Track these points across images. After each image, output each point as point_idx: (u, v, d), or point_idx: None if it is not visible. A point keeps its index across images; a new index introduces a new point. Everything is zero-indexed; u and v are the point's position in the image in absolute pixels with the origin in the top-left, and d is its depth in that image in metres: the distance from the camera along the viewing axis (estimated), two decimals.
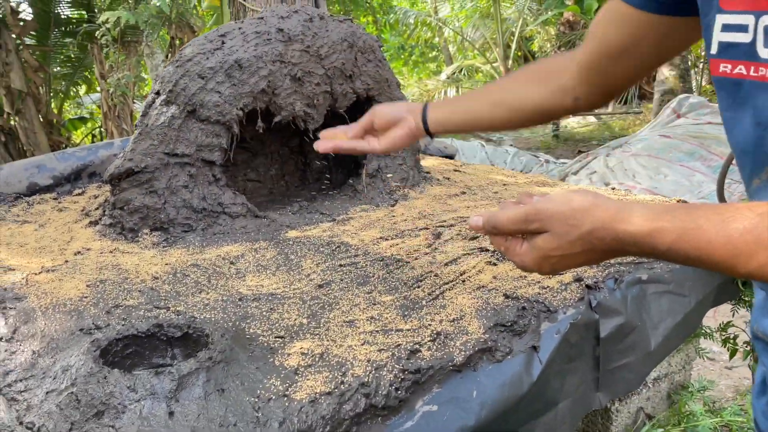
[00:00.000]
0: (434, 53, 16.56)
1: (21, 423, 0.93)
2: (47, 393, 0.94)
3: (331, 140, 1.24)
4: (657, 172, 5.39)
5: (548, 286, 1.29)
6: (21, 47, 5.82)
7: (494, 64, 13.54)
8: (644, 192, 4.79)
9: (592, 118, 9.78)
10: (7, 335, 1.14)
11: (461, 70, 14.18)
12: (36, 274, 1.37)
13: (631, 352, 1.37)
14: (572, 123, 10.01)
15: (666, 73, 7.77)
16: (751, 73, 0.64)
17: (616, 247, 0.68)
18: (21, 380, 1.00)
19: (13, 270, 1.41)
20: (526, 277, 1.33)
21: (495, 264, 1.40)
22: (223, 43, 1.72)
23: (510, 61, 13.25)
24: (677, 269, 1.45)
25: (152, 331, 1.04)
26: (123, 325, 1.13)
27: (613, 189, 2.24)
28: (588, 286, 1.30)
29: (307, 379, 0.96)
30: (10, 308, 1.22)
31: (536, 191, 2.02)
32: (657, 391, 1.70)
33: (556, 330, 1.21)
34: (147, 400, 0.87)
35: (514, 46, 13.07)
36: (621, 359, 1.36)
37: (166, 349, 1.05)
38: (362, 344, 1.07)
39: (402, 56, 16.14)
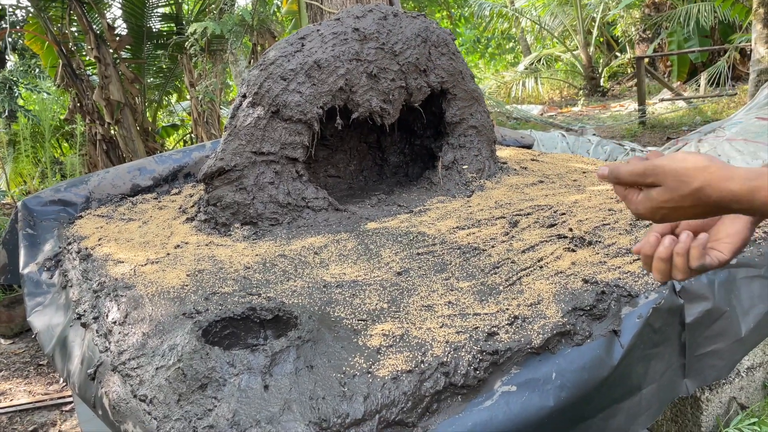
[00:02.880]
0: (511, 44, 16.26)
1: (135, 396, 1.04)
2: (157, 369, 1.04)
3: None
4: (754, 157, 5.06)
5: (629, 271, 1.28)
6: (118, 61, 6.26)
7: (575, 52, 13.12)
8: None
9: (681, 103, 9.28)
10: (120, 319, 1.26)
11: (540, 59, 13.85)
12: (142, 265, 1.51)
13: (719, 339, 1.33)
14: (660, 108, 9.54)
15: (762, 51, 7.25)
16: None
17: (720, 204, 0.76)
18: (133, 359, 1.12)
19: (122, 262, 1.55)
20: (605, 262, 1.32)
21: (573, 250, 1.39)
22: (302, 45, 1.81)
23: (591, 48, 12.81)
24: None
25: (246, 314, 1.13)
26: (221, 310, 1.23)
27: None
28: None
29: (389, 358, 1.01)
30: (122, 296, 1.35)
31: None
32: (751, 380, 1.62)
33: (638, 314, 1.19)
34: (244, 374, 0.95)
35: (595, 32, 12.62)
36: (709, 345, 1.32)
37: (259, 331, 1.14)
38: (440, 327, 1.11)
39: (478, 49, 15.96)
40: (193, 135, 7.44)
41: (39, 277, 1.73)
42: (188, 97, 7.35)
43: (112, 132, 6.48)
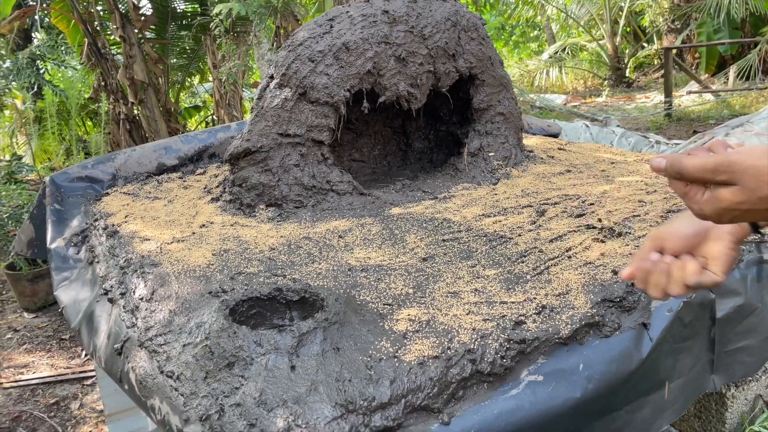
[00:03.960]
0: (536, 32, 16.05)
1: (162, 372, 1.04)
2: (184, 346, 1.05)
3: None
4: None
5: None
6: (142, 41, 6.29)
7: (601, 42, 12.91)
8: None
9: (709, 96, 9.10)
10: (147, 296, 1.27)
11: (564, 48, 13.65)
12: (168, 243, 1.52)
13: (750, 335, 1.30)
14: (686, 101, 9.37)
15: None
16: None
17: None
18: (160, 335, 1.12)
19: (149, 240, 1.56)
20: (635, 254, 1.30)
21: (603, 241, 1.37)
22: (331, 26, 1.79)
23: (618, 38, 12.59)
24: None
25: (273, 295, 1.13)
26: (246, 290, 1.23)
27: None
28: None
29: (415, 343, 1.01)
30: (148, 273, 1.36)
31: (648, 169, 1.95)
32: None
33: (668, 308, 1.17)
34: (271, 354, 0.95)
35: (622, 21, 12.40)
36: (739, 341, 1.29)
37: (284, 311, 1.14)
38: (467, 314, 1.10)
39: (502, 36, 15.78)
40: (214, 117, 7.46)
41: (66, 252, 1.75)
42: (210, 78, 7.37)
43: (136, 112, 6.52)
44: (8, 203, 3.11)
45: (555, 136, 2.67)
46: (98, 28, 6.10)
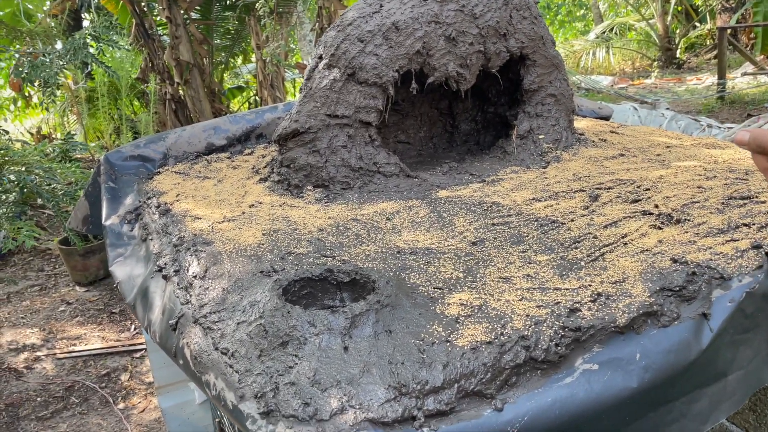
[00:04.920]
0: (582, 11, 15.60)
1: (216, 348, 1.06)
2: (238, 324, 1.06)
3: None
4: None
5: (722, 252, 1.21)
6: (188, 21, 6.36)
7: (650, 21, 12.49)
8: None
9: (764, 78, 8.71)
10: (200, 274, 1.30)
11: (612, 28, 13.25)
12: (219, 222, 1.54)
13: None
14: (740, 83, 8.99)
15: None
16: None
17: None
18: (214, 312, 1.14)
19: (200, 218, 1.59)
20: (695, 242, 1.26)
21: (660, 228, 1.33)
22: (381, 6, 1.77)
23: (669, 17, 12.15)
24: None
25: (324, 275, 1.14)
26: (296, 270, 1.24)
27: None
28: None
29: (468, 328, 1.00)
30: (201, 251, 1.39)
31: (706, 153, 1.88)
32: None
33: (730, 298, 1.13)
34: (324, 334, 0.95)
35: (674, 0, 11.95)
36: None
37: (335, 293, 1.14)
38: (520, 300, 1.09)
39: (548, 15, 15.40)
40: (257, 97, 7.53)
41: (120, 229, 1.79)
42: (253, 59, 7.43)
43: (181, 92, 6.63)
44: (63, 180, 3.21)
45: (606, 118, 2.60)
46: (145, 8, 6.21)
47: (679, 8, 12.73)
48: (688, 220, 1.35)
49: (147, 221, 1.71)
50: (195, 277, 1.29)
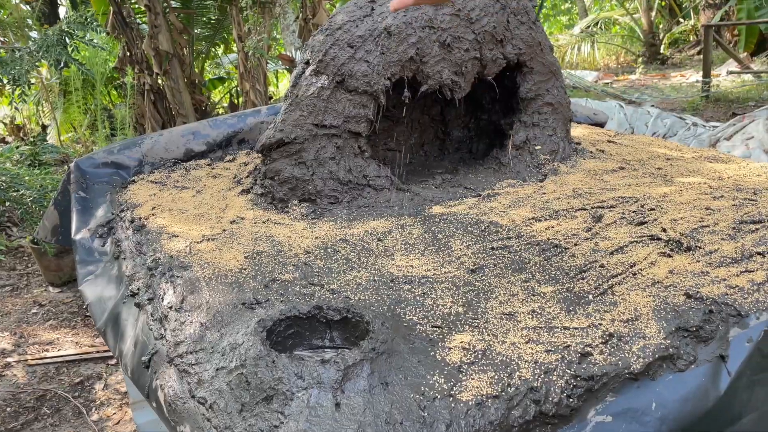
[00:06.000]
0: (567, 5, 15.56)
1: (193, 396, 0.96)
2: (217, 370, 0.96)
3: None
4: None
5: (737, 286, 1.13)
6: (167, 10, 6.16)
7: (635, 16, 12.48)
8: None
9: (749, 77, 8.74)
10: (176, 304, 1.19)
11: (597, 23, 13.23)
12: (198, 242, 1.43)
13: None
14: (725, 82, 9.02)
15: None
16: None
17: None
18: (191, 353, 1.04)
19: (177, 236, 1.48)
20: (708, 273, 1.18)
21: (670, 255, 1.25)
22: (372, 9, 1.66)
23: (653, 13, 12.14)
24: None
25: (313, 313, 1.04)
26: (282, 302, 1.14)
27: None
28: None
29: (472, 379, 0.91)
30: (177, 276, 1.28)
31: (709, 168, 1.80)
32: None
33: (748, 338, 1.06)
34: (314, 389, 0.86)
35: None
36: None
37: (325, 332, 1.05)
38: (527, 342, 1.00)
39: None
40: (239, 89, 7.35)
41: (91, 244, 1.67)
42: (235, 49, 7.24)
43: (160, 83, 6.43)
44: (32, 187, 3.06)
45: (601, 125, 2.52)
46: None
47: (663, 3, 12.74)
48: (699, 247, 1.27)
49: (120, 237, 1.60)
50: (170, 308, 1.19)
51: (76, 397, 3.02)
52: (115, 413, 2.87)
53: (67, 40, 3.97)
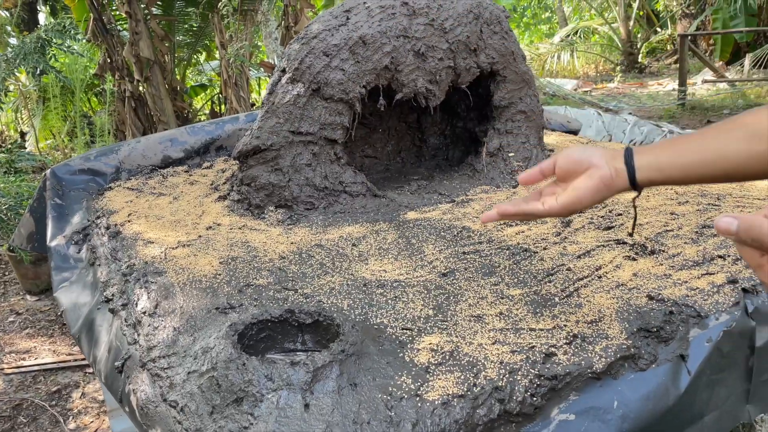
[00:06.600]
0: (547, 14, 15.77)
1: (165, 400, 0.97)
2: (189, 373, 0.97)
3: (496, 208, 1.00)
4: None
5: (698, 288, 1.17)
6: (148, 17, 6.15)
7: (613, 25, 12.68)
8: None
9: (724, 85, 8.93)
10: (150, 310, 1.20)
11: (576, 32, 13.43)
12: (173, 248, 1.44)
13: None
14: (701, 90, 9.20)
15: None
16: None
17: None
18: (164, 357, 1.05)
19: (153, 243, 1.49)
20: (670, 276, 1.22)
21: (635, 259, 1.29)
22: (347, 18, 1.69)
23: (631, 22, 12.35)
24: None
25: (284, 317, 1.06)
26: (256, 306, 1.16)
27: None
28: (745, 290, 1.17)
29: (439, 379, 0.93)
30: (152, 282, 1.29)
31: None
32: None
33: (707, 338, 1.10)
34: (283, 390, 0.87)
35: (636, 5, 12.16)
36: None
37: (297, 335, 1.06)
38: (493, 343, 1.03)
39: (513, 18, 15.51)
40: (221, 95, 7.34)
41: (66, 251, 1.67)
42: (217, 56, 7.23)
43: (141, 89, 6.41)
44: (7, 195, 3.03)
45: (575, 132, 2.57)
46: (104, 2, 5.96)
47: (641, 13, 12.96)
48: (663, 251, 1.31)
49: (95, 243, 1.60)
50: (144, 313, 1.20)
51: (53, 406, 2.99)
52: (92, 422, 2.85)
53: (46, 47, 3.94)
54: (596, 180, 0.87)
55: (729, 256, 1.28)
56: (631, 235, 1.32)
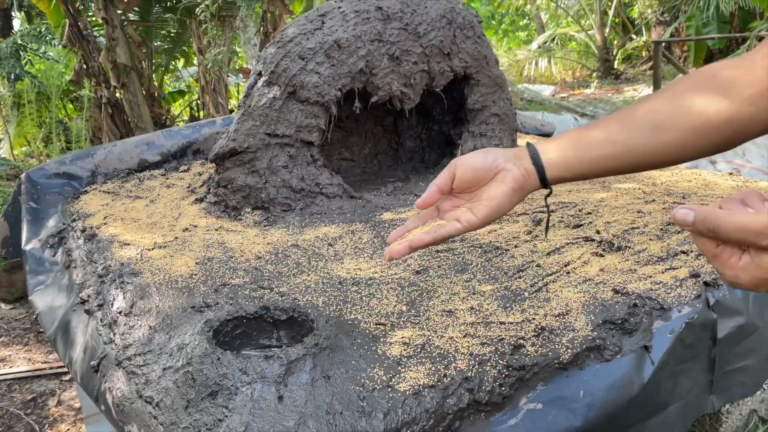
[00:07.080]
0: (525, 21, 15.96)
1: (140, 396, 0.98)
2: (164, 369, 0.99)
3: (406, 240, 0.89)
4: None
5: (661, 282, 1.21)
6: (125, 23, 6.12)
7: (589, 32, 12.89)
8: (756, 172, 4.44)
9: None
10: (126, 309, 1.21)
11: (554, 38, 13.61)
12: (149, 249, 1.45)
13: (750, 355, 1.27)
14: None
15: None
16: None
17: None
18: (139, 354, 1.06)
19: (129, 245, 1.49)
20: (636, 271, 1.26)
21: (602, 255, 1.33)
22: (323, 23, 1.72)
23: (607, 29, 12.56)
24: None
25: (260, 314, 1.07)
26: (231, 305, 1.17)
27: (731, 174, 2.07)
28: (706, 283, 1.21)
29: (410, 371, 0.96)
30: (128, 283, 1.30)
31: (645, 175, 1.91)
32: None
33: (670, 329, 1.13)
34: (258, 383, 0.89)
35: (611, 12, 12.38)
36: (739, 362, 1.26)
37: (272, 331, 1.08)
38: (464, 336, 1.05)
39: (491, 25, 15.68)
40: (199, 102, 7.31)
41: (41, 255, 1.67)
42: (195, 62, 7.21)
43: (118, 96, 6.36)
44: None
45: (548, 136, 2.62)
46: (80, 8, 5.92)
47: (617, 20, 13.20)
48: (629, 247, 1.35)
49: (71, 246, 1.60)
50: (120, 313, 1.20)
51: (29, 414, 2.94)
52: (68, 429, 2.81)
53: (21, 53, 3.91)
54: (510, 183, 0.84)
55: (692, 251, 1.32)
56: (545, 235, 1.32)
